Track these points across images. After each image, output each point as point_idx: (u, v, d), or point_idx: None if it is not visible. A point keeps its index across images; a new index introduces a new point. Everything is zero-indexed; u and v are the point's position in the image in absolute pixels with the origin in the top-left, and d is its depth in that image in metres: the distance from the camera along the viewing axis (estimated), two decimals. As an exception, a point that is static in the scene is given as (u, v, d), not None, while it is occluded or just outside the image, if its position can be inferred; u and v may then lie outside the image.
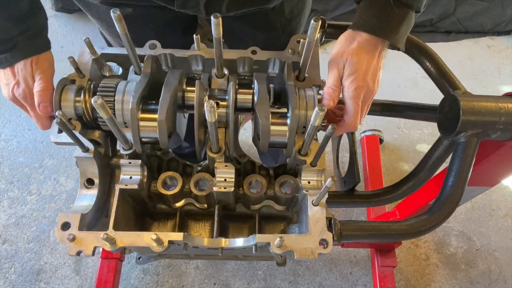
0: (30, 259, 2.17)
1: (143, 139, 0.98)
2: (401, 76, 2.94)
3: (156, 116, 0.92)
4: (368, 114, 1.36)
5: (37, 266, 2.15)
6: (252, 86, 1.02)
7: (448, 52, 3.10)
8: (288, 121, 0.96)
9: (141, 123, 0.95)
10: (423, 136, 2.69)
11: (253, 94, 1.00)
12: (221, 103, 1.00)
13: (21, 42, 0.99)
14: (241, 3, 1.12)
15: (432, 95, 1.28)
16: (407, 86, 2.92)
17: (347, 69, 0.97)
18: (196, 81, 0.95)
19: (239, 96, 1.01)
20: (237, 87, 1.02)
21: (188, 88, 1.02)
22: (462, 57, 3.08)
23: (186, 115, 1.11)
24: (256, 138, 1.00)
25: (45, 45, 1.05)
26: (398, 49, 1.01)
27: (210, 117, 0.82)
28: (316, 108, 0.80)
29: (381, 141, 2.57)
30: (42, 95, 1.00)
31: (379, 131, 2.56)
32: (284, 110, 0.99)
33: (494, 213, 2.40)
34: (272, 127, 0.96)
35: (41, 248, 2.20)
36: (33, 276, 2.13)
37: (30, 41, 1.00)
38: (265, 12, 1.19)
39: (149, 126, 0.95)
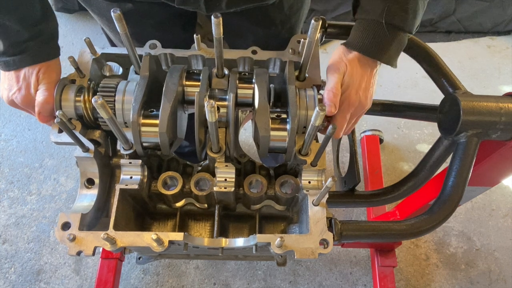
0: (30, 259, 2.17)
1: (144, 144, 0.98)
2: (401, 76, 2.94)
3: (157, 121, 0.93)
4: (368, 114, 1.37)
5: (37, 266, 2.15)
6: (253, 80, 1.02)
7: (448, 52, 3.10)
8: (288, 126, 0.97)
9: (143, 129, 0.95)
10: (423, 136, 2.69)
11: (253, 89, 1.00)
12: (221, 103, 1.00)
13: (32, 47, 0.98)
14: (241, 0, 1.12)
15: (432, 95, 1.28)
16: (407, 86, 2.92)
17: (345, 80, 1.01)
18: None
19: (240, 91, 1.01)
20: (237, 81, 1.02)
21: (188, 83, 1.02)
22: (462, 57, 3.08)
23: (187, 112, 1.11)
24: (256, 143, 1.00)
25: (56, 52, 1.05)
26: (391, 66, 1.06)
27: (210, 117, 0.82)
28: (317, 108, 0.80)
29: (381, 141, 2.57)
30: (44, 106, 1.00)
31: (379, 131, 2.56)
32: (284, 116, 0.99)
33: (494, 213, 2.40)
34: (272, 133, 0.97)
35: (41, 248, 2.20)
36: (33, 276, 2.13)
37: (41, 46, 1.00)
38: (265, 8, 1.19)
39: (150, 132, 0.96)
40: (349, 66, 1.01)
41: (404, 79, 2.93)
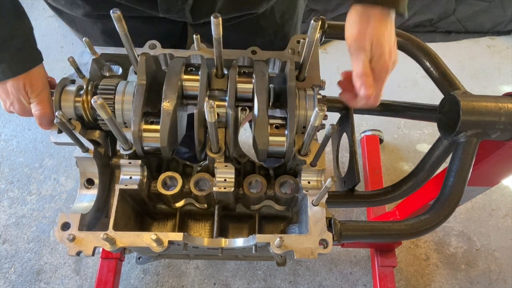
0: (30, 259, 2.17)
1: (145, 148, 0.98)
2: (401, 76, 2.94)
3: (158, 127, 0.94)
4: (368, 114, 1.37)
5: (37, 266, 2.16)
6: (253, 75, 1.02)
7: (448, 52, 3.10)
8: (286, 131, 0.97)
9: (144, 134, 0.96)
10: (423, 136, 2.69)
11: (253, 84, 1.00)
12: (220, 103, 1.00)
13: (9, 56, 0.94)
14: (229, 8, 1.11)
15: (432, 95, 1.28)
16: (407, 86, 2.92)
17: (375, 52, 0.95)
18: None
19: (239, 87, 1.02)
20: (236, 81, 1.02)
21: (186, 77, 1.02)
22: (462, 57, 3.08)
23: (186, 111, 1.11)
24: (255, 150, 1.01)
25: (36, 57, 1.00)
26: (402, 16, 0.99)
27: (210, 117, 0.82)
28: (316, 109, 0.80)
29: (381, 141, 2.57)
30: (42, 120, 1.00)
31: (379, 131, 2.56)
32: (284, 122, 1.00)
33: (494, 213, 2.40)
34: (271, 138, 0.97)
35: (41, 248, 2.20)
36: (33, 276, 2.13)
37: (20, 53, 0.96)
38: (256, 18, 1.18)
39: (151, 137, 0.96)
40: (378, 35, 0.95)
41: (404, 79, 2.93)
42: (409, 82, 2.92)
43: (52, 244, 2.22)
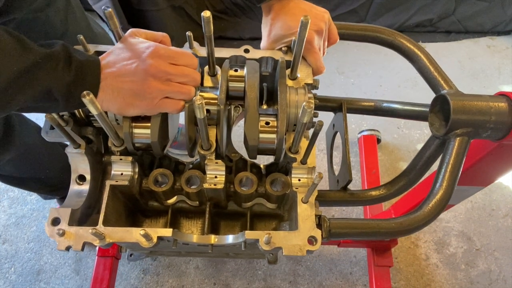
0: (30, 259, 2.19)
1: (136, 145, 0.99)
2: (401, 76, 2.93)
3: (149, 124, 0.95)
4: (361, 114, 1.37)
5: (37, 266, 2.17)
6: (244, 73, 1.04)
7: (448, 52, 3.08)
8: (277, 129, 0.98)
9: (135, 131, 0.97)
10: (423, 136, 2.68)
11: (245, 82, 1.01)
12: (212, 101, 1.01)
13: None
14: None
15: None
16: (407, 86, 2.91)
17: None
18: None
19: (231, 85, 1.03)
20: (229, 73, 1.03)
21: None
22: (462, 57, 3.07)
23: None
24: (245, 146, 1.01)
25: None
26: None
27: (198, 114, 0.83)
28: (304, 105, 0.80)
29: (378, 141, 2.56)
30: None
31: (377, 130, 2.55)
32: (274, 119, 1.00)
33: (494, 213, 2.39)
34: (261, 135, 0.98)
35: (41, 248, 2.22)
36: (33, 276, 2.14)
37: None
38: None
39: (142, 134, 0.97)
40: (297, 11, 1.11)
41: (404, 79, 2.93)
42: (409, 82, 2.92)
43: (52, 244, 2.23)
